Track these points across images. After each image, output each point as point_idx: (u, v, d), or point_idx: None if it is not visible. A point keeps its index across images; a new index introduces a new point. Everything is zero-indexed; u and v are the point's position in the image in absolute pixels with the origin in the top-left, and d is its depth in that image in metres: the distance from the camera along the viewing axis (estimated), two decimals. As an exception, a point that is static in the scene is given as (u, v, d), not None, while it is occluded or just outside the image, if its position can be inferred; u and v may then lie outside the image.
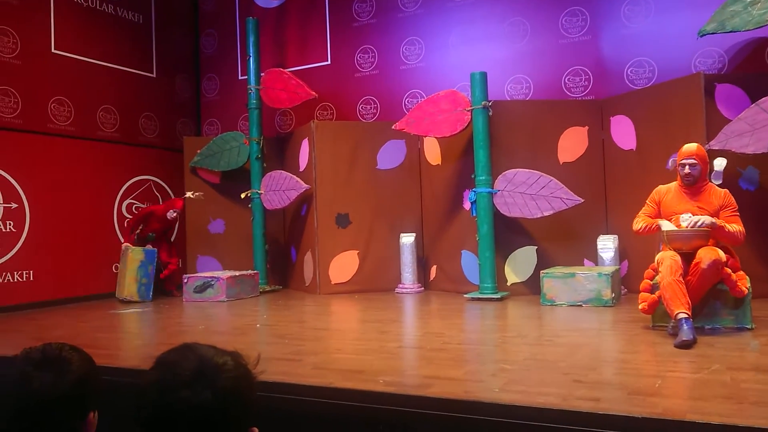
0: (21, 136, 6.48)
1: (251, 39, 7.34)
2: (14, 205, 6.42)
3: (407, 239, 6.61)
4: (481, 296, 5.62)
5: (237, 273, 6.75)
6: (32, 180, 6.55)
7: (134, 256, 6.52)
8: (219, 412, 1.07)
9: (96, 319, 5.58)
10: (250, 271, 6.92)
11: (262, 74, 7.32)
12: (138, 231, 6.84)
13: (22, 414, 1.33)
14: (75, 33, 7.02)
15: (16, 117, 6.47)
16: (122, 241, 6.93)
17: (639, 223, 4.00)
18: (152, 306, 6.27)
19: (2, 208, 6.31)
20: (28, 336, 4.63)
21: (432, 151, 6.65)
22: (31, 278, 6.50)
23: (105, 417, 1.53)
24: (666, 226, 3.79)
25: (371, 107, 7.46)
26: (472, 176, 5.81)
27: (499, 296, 5.58)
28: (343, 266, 6.79)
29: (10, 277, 6.34)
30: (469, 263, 6.13)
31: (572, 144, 5.91)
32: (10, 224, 6.38)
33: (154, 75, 7.96)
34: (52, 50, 6.82)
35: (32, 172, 6.56)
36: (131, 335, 4.71)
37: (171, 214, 6.73)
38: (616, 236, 5.63)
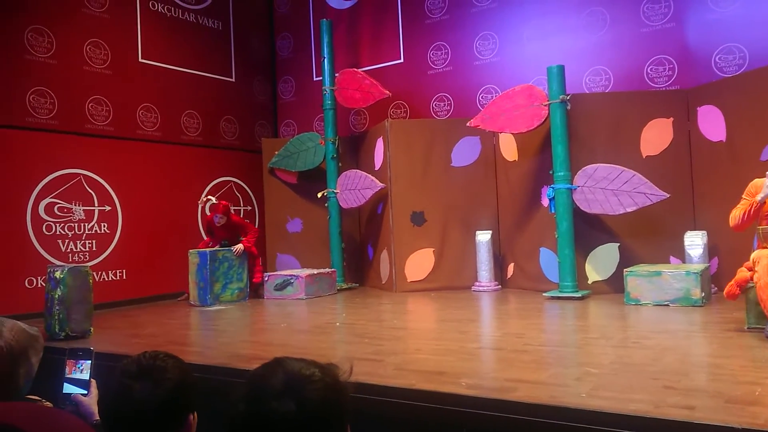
0: (113, 143, 6.75)
1: (325, 40, 7.41)
2: (108, 208, 6.70)
3: (483, 237, 6.57)
4: (560, 295, 5.52)
5: (315, 271, 6.85)
6: (123, 183, 6.79)
7: (192, 259, 6.41)
8: (305, 423, 1.08)
9: (183, 316, 5.75)
10: (327, 269, 7.03)
11: (337, 75, 7.39)
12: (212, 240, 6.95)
13: (124, 422, 1.38)
14: (160, 42, 7.27)
15: (108, 124, 6.76)
16: (204, 239, 7.12)
17: (735, 219, 3.81)
18: (236, 303, 6.45)
19: (97, 211, 6.59)
20: (124, 333, 4.79)
21: (508, 147, 6.59)
22: (124, 277, 6.75)
23: (200, 416, 1.58)
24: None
25: (445, 104, 7.44)
26: (551, 172, 5.71)
27: (579, 295, 5.47)
28: (419, 264, 6.81)
29: (105, 276, 6.61)
30: (548, 261, 6.03)
31: (656, 136, 5.73)
32: (104, 226, 6.66)
33: (233, 79, 8.15)
34: (139, 59, 7.08)
35: (123, 176, 6.80)
36: (217, 332, 4.82)
37: (216, 220, 6.67)
38: (704, 232, 5.44)
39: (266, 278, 6.75)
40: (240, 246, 6.61)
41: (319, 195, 7.42)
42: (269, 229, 7.83)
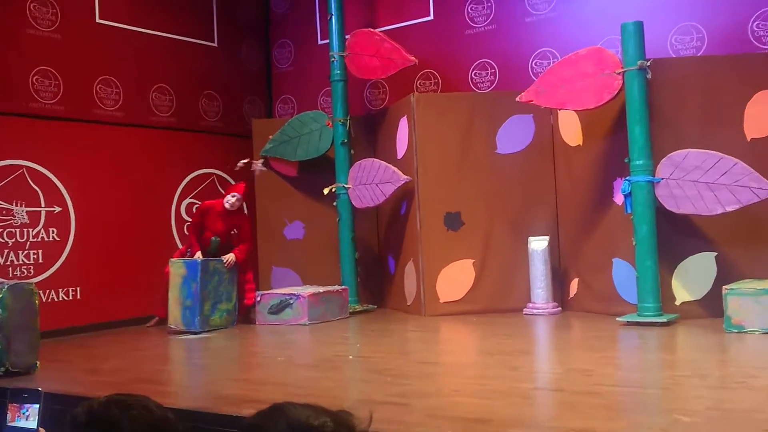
0: (63, 126, 6.81)
1: (333, -8, 7.49)
2: (57, 209, 6.77)
3: (538, 245, 6.61)
4: (640, 320, 5.51)
5: (321, 289, 6.91)
6: (77, 178, 6.87)
7: (175, 270, 6.43)
8: None
9: (154, 346, 5.82)
10: (337, 287, 7.11)
11: (348, 37, 7.46)
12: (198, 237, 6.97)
13: None
14: (123, -1, 7.41)
15: (57, 103, 6.81)
16: (180, 248, 7.23)
17: None
18: (221, 330, 6.52)
19: (44, 212, 6.66)
20: (79, 368, 4.82)
21: (570, 129, 6.61)
22: (78, 296, 6.83)
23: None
24: None
25: (487, 74, 7.51)
26: (626, 160, 5.71)
27: (665, 320, 5.45)
28: (455, 280, 6.89)
29: (54, 296, 6.68)
30: (624, 276, 6.03)
31: (764, 113, 5.67)
32: (53, 232, 6.73)
33: (216, 44, 8.28)
34: (97, 20, 7.14)
35: (77, 168, 6.88)
36: (197, 368, 4.88)
37: (230, 200, 6.74)
38: (830, 238, 5.41)
39: (259, 298, 6.85)
40: (232, 256, 6.69)
41: (326, 192, 7.51)
42: (262, 235, 7.88)
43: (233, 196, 6.75)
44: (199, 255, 6.63)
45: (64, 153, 6.83)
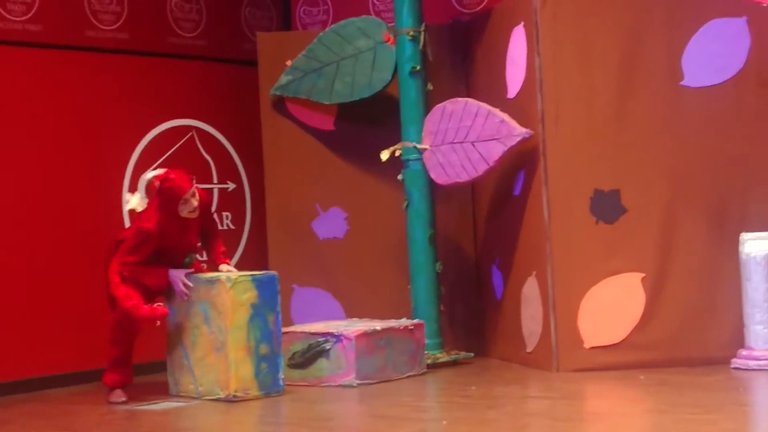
0: None
1: None
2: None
3: (758, 247, 6.63)
4: None
5: (378, 325, 7.06)
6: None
7: (237, 294, 6.52)
8: None
9: (95, 425, 6.02)
10: (405, 321, 7.25)
11: None
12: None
13: None
14: None
15: None
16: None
17: None
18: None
19: None
20: None
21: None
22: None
23: None
24: None
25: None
26: None
27: None
28: (611, 309, 6.99)
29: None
30: None
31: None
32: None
33: None
34: None
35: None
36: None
37: (192, 205, 6.73)
38: None
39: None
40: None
41: (385, 157, 7.67)
42: (275, 231, 8.03)
43: (193, 198, 6.73)
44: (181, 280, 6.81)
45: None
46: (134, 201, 7.02)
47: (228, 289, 6.46)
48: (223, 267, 6.86)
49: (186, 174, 6.78)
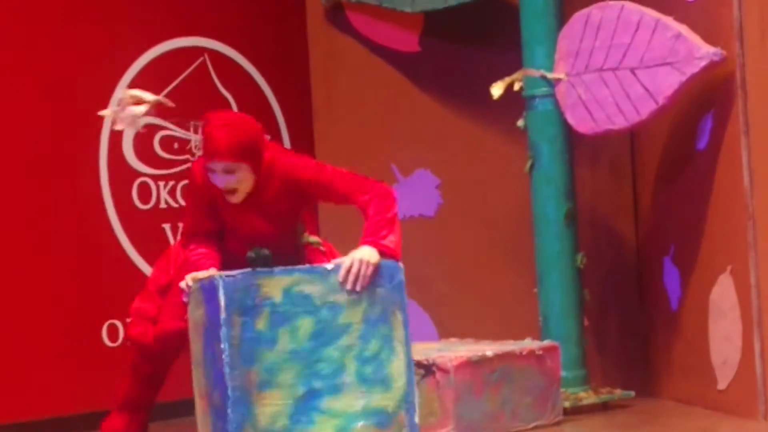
0: None
1: None
2: None
3: None
4: None
5: (489, 349, 6.27)
6: None
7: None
8: None
9: None
10: (529, 343, 6.47)
11: None
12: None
13: None
14: None
15: None
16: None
17: None
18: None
19: None
20: None
21: None
22: None
23: None
24: None
25: None
26: None
27: None
28: None
29: None
30: None
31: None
32: None
33: None
34: None
35: None
36: None
37: (217, 182, 5.93)
38: None
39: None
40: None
41: (497, 93, 6.78)
42: (328, 207, 7.32)
43: (225, 174, 5.62)
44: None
45: None
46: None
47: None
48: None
49: (239, 122, 5.64)
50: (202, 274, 5.40)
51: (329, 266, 5.32)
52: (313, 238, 6.03)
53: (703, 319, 6.43)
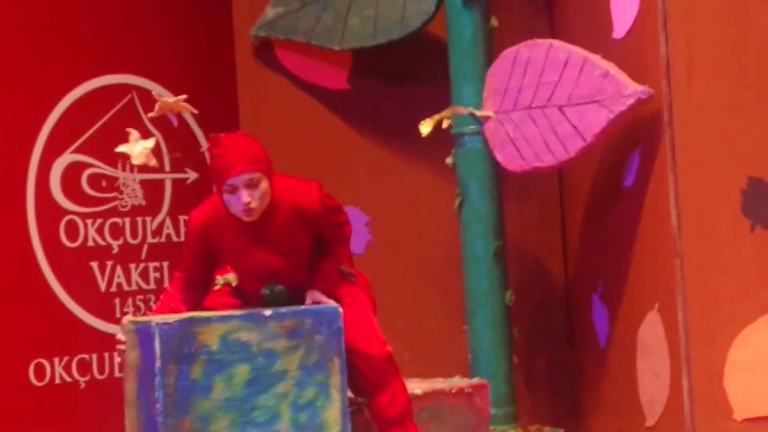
0: None
1: None
2: None
3: None
4: None
5: (417, 387, 5.99)
6: None
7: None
8: None
9: None
10: (458, 380, 6.19)
11: None
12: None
13: None
14: None
15: None
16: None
17: None
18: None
19: None
20: None
21: None
22: None
23: None
24: None
25: None
26: None
27: None
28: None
29: None
30: None
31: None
32: None
33: None
34: None
35: None
36: None
37: (247, 201, 5.57)
38: None
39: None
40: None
41: (426, 131, 6.89)
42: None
43: (248, 189, 5.50)
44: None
45: None
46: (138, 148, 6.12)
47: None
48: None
49: (249, 137, 5.67)
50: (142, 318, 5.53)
51: (267, 312, 5.31)
52: (345, 269, 5.89)
53: (631, 356, 6.52)
